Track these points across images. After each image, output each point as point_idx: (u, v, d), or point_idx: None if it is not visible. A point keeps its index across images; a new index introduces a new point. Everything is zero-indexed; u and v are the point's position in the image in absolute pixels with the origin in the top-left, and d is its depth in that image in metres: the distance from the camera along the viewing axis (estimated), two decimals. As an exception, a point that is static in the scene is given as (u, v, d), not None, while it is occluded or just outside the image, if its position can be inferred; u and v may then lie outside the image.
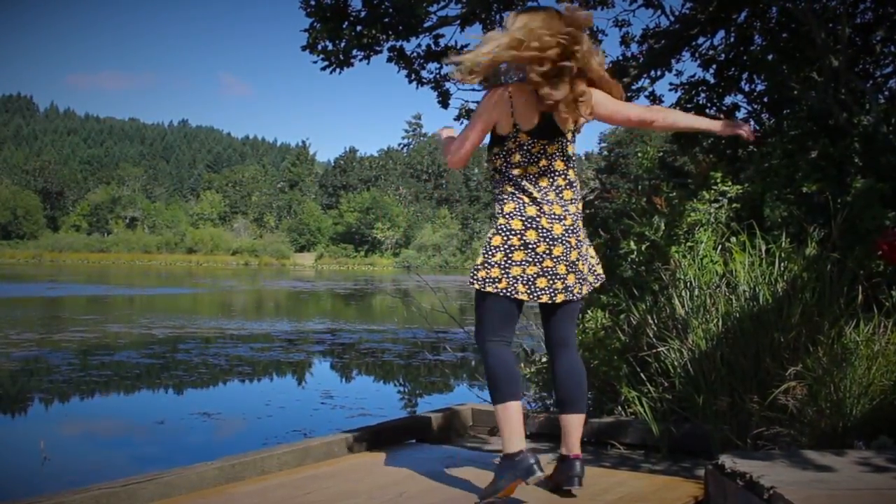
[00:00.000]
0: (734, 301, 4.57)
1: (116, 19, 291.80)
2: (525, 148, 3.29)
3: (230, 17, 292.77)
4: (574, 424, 3.38)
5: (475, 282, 3.28)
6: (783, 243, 4.78)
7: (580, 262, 3.36)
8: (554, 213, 3.28)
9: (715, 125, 3.65)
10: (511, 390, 3.24)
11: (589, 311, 5.12)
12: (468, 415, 5.05)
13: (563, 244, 3.29)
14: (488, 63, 3.20)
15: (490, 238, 3.30)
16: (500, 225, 3.27)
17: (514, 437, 3.21)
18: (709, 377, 4.40)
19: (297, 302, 30.43)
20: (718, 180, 5.75)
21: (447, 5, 8.61)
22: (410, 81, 9.19)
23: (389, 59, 8.94)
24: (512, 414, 3.22)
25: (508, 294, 3.25)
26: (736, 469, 3.06)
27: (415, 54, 9.06)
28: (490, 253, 3.26)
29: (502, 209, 3.30)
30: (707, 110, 9.14)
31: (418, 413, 5.39)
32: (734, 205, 5.69)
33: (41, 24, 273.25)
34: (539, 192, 3.28)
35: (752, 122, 8.78)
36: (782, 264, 4.60)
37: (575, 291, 3.36)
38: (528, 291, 3.27)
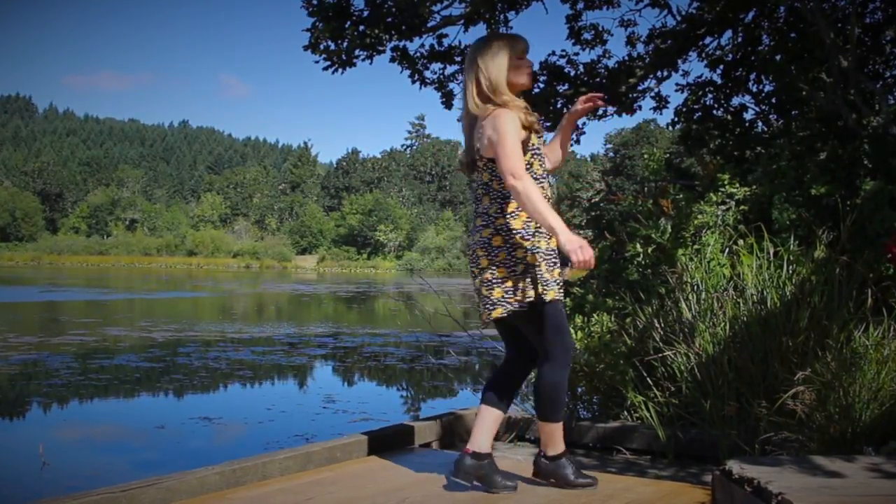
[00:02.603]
0: (742, 305, 4.55)
1: (113, 19, 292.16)
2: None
3: (230, 16, 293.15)
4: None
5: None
6: (791, 246, 4.75)
7: None
8: None
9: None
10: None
11: (595, 315, 5.07)
12: (472, 419, 5.00)
13: None
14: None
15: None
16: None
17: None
18: (716, 382, 4.38)
19: (299, 305, 30.40)
20: (726, 182, 5.72)
21: (451, 5, 8.60)
22: (413, 82, 9.18)
23: (392, 60, 8.91)
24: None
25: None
26: (743, 475, 3.05)
27: (418, 54, 9.04)
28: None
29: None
30: (714, 111, 9.11)
31: (421, 418, 5.34)
32: (742, 207, 5.66)
33: (38, 24, 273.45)
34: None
35: (759, 124, 8.75)
36: (791, 267, 4.58)
37: None
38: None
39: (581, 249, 3.16)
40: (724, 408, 4.26)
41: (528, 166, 3.39)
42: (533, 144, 3.44)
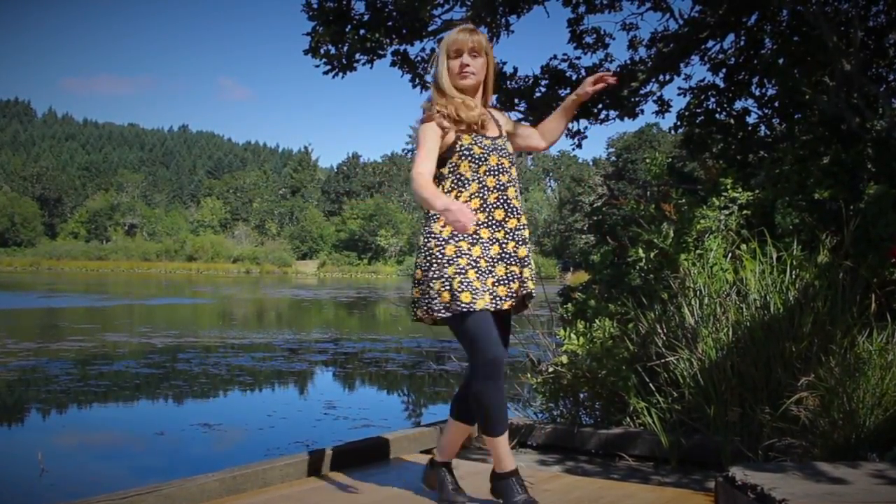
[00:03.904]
0: (745, 310, 4.53)
1: (110, 21, 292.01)
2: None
3: (229, 18, 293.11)
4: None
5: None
6: (795, 251, 4.74)
7: None
8: None
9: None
10: None
11: (597, 321, 5.05)
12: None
13: None
14: None
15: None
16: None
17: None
18: (719, 387, 4.36)
19: (300, 310, 30.38)
20: (728, 186, 5.70)
21: (452, 8, 8.58)
22: (414, 86, 9.16)
23: (393, 64, 8.90)
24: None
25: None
26: (747, 481, 3.03)
27: (419, 58, 9.02)
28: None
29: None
30: (717, 115, 9.09)
31: (422, 424, 5.32)
32: (745, 211, 5.64)
33: (36, 27, 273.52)
34: None
35: (762, 127, 8.74)
36: (794, 272, 4.56)
37: None
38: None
39: (452, 212, 2.93)
40: (727, 413, 4.25)
41: (455, 167, 3.27)
42: (462, 145, 3.27)
